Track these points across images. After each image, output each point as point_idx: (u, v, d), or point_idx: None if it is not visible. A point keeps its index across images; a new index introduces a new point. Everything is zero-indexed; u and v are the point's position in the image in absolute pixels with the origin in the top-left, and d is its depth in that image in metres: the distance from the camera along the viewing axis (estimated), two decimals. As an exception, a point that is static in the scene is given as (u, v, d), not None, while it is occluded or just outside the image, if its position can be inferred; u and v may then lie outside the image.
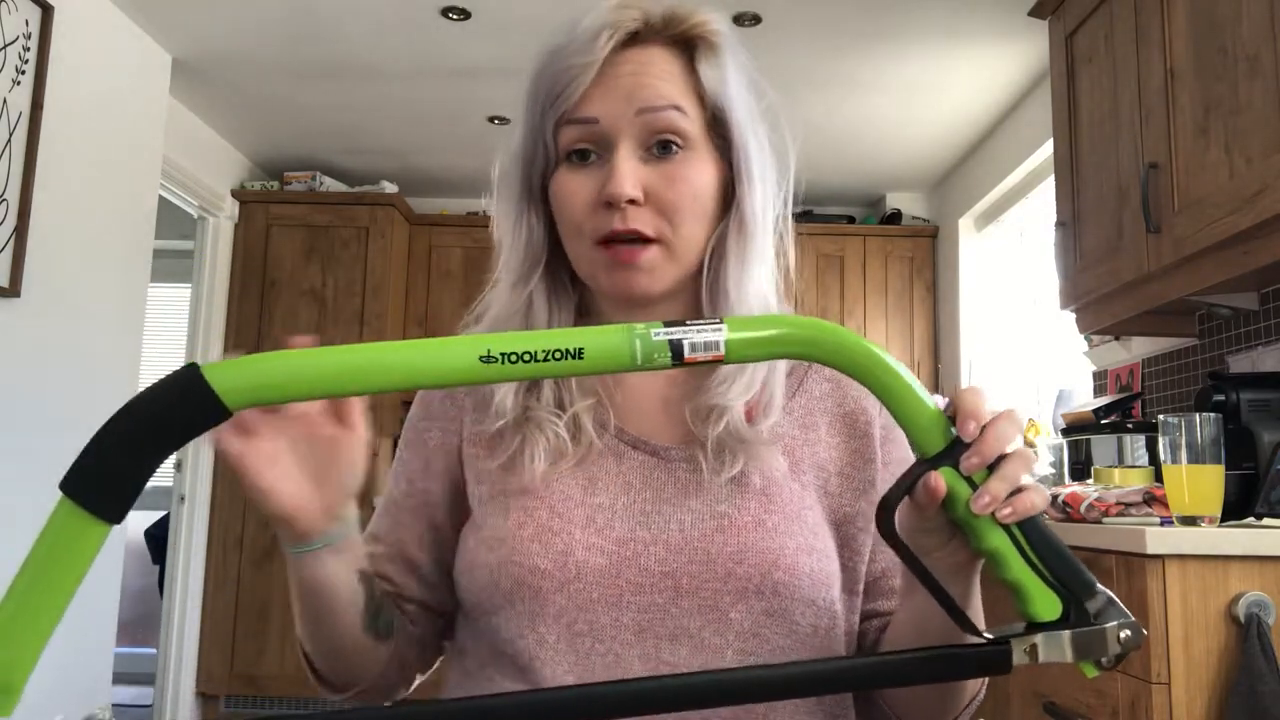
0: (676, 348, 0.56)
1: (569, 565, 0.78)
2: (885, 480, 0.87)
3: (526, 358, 0.57)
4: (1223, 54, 1.80)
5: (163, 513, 4.34)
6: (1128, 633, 0.60)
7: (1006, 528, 0.61)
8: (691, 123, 0.81)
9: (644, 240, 0.80)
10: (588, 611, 0.76)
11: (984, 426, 0.59)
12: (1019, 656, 0.60)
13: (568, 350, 0.57)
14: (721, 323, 0.58)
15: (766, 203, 0.85)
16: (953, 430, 0.60)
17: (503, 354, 0.56)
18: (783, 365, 0.86)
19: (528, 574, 0.77)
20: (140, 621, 4.80)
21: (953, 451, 0.60)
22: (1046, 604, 0.61)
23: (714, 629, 0.77)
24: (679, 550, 0.78)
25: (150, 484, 0.51)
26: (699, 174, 0.81)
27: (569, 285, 0.87)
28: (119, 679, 3.42)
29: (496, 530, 0.80)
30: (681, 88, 0.81)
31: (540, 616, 0.77)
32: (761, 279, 0.86)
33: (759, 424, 0.83)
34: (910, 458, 0.71)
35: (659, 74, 0.80)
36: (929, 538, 0.65)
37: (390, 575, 0.86)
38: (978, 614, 0.72)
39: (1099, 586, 0.61)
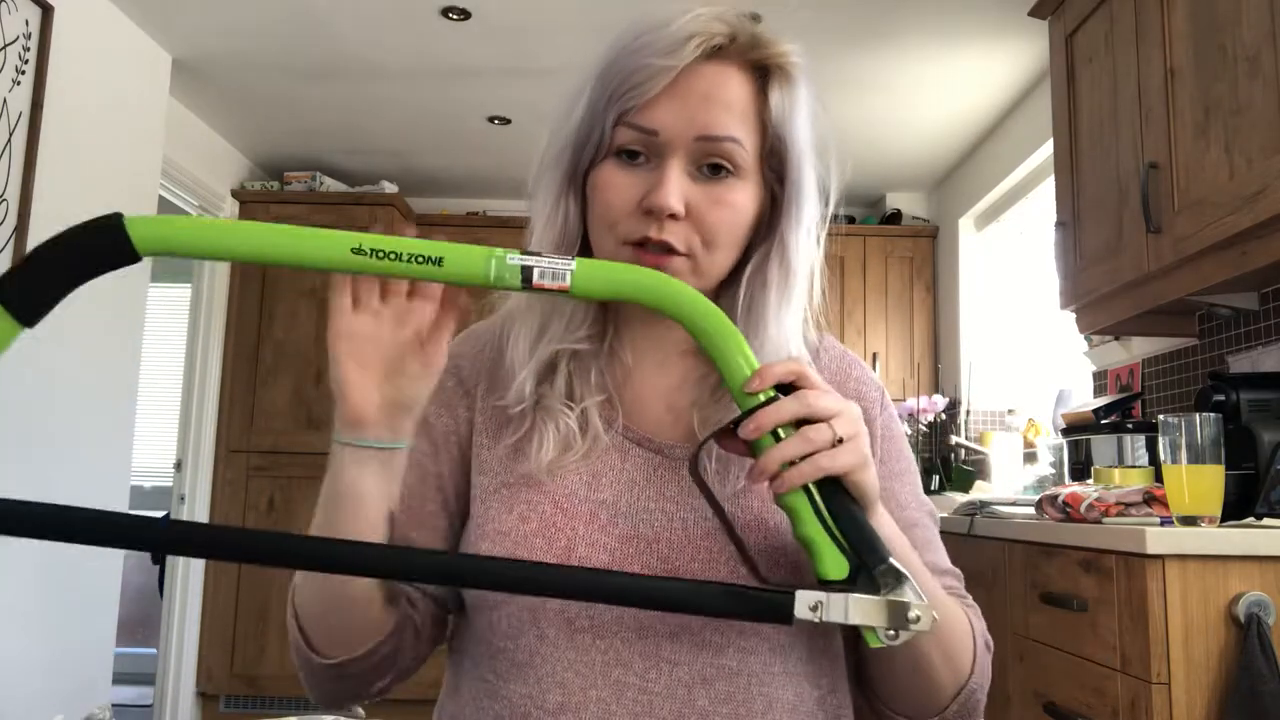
0: (526, 273, 0.66)
1: (573, 559, 0.78)
2: (882, 475, 0.86)
3: (392, 255, 0.67)
4: (1223, 54, 1.80)
5: (163, 513, 4.35)
6: (916, 614, 0.65)
7: (805, 487, 0.68)
8: (746, 153, 0.80)
9: (673, 252, 0.80)
10: (590, 607, 0.77)
11: (766, 404, 0.67)
12: (803, 611, 0.65)
13: (429, 257, 0.67)
14: (571, 260, 0.67)
15: (810, 235, 0.85)
16: (771, 390, 0.68)
17: (372, 249, 0.67)
18: None
19: None
20: (140, 621, 4.80)
21: (768, 404, 0.68)
22: (835, 563, 0.67)
23: (715, 625, 0.77)
24: (681, 548, 0.79)
25: (150, 484, 0.54)
26: (742, 200, 0.81)
27: None
28: (119, 679, 3.42)
29: (500, 524, 0.81)
30: (746, 116, 0.80)
31: (542, 611, 0.78)
32: (797, 309, 0.86)
33: None
34: (906, 452, 0.84)
35: (728, 99, 0.80)
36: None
37: None
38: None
39: (892, 561, 0.66)
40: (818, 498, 0.68)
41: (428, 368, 0.75)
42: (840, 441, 0.67)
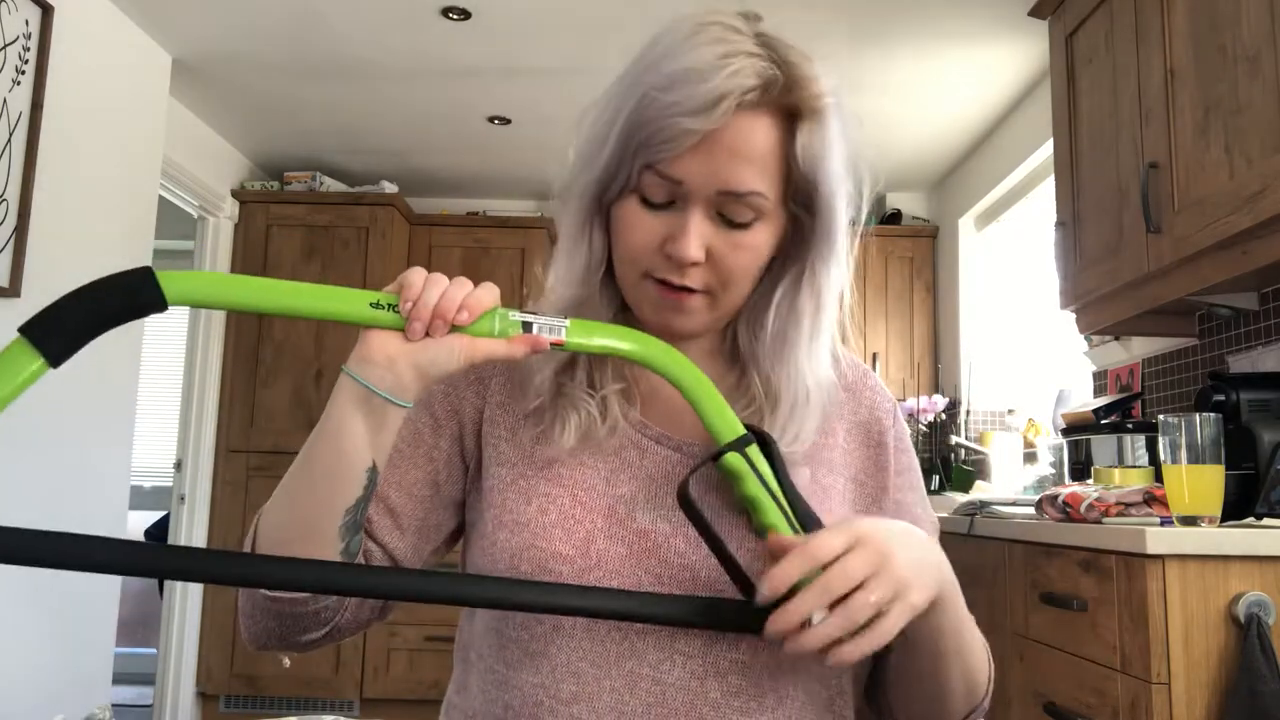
0: (526, 327, 0.75)
1: (591, 552, 0.79)
2: (896, 486, 0.90)
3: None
4: (1223, 54, 1.80)
5: (163, 513, 4.35)
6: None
7: (785, 515, 0.75)
8: (769, 201, 0.80)
9: (692, 291, 0.81)
10: None
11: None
12: None
13: None
14: (566, 320, 0.76)
15: (841, 262, 0.86)
16: (742, 427, 0.77)
17: (388, 304, 0.72)
18: (816, 394, 0.87)
19: (550, 559, 0.79)
20: (140, 621, 4.80)
21: (739, 442, 0.77)
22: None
23: None
24: (697, 545, 0.80)
25: (150, 484, 0.54)
26: (763, 241, 0.82)
27: (619, 298, 0.88)
28: (119, 679, 3.42)
29: (519, 515, 0.82)
30: (771, 164, 0.79)
31: None
32: (828, 336, 0.87)
33: (790, 445, 0.84)
34: (915, 464, 0.91)
35: (753, 153, 0.78)
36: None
37: (369, 513, 0.84)
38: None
39: None
40: (794, 520, 0.75)
41: (465, 351, 0.74)
42: (880, 612, 0.69)
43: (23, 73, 2.65)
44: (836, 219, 0.83)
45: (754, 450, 0.78)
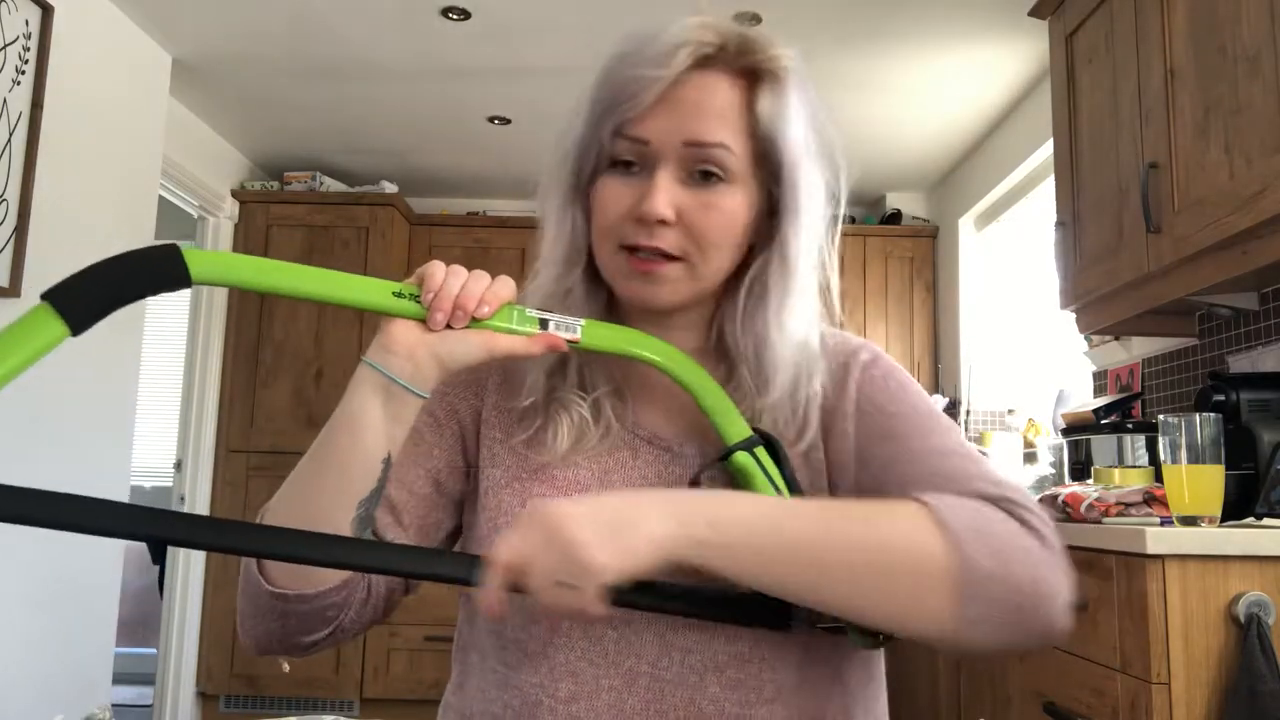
0: (544, 324, 0.77)
1: None
2: (861, 400, 0.83)
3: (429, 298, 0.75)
4: (1223, 54, 1.80)
5: (163, 513, 4.34)
6: None
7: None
8: (737, 159, 0.81)
9: (667, 257, 0.81)
10: None
11: None
12: (800, 613, 0.73)
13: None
14: (580, 320, 0.79)
15: (812, 238, 0.85)
16: (749, 430, 0.79)
17: (410, 294, 0.75)
18: (804, 383, 0.84)
19: None
20: (140, 621, 4.79)
21: (748, 442, 0.79)
22: None
23: None
24: None
25: (150, 484, 0.54)
26: (735, 205, 0.82)
27: (602, 281, 0.88)
28: (119, 679, 3.42)
29: (513, 518, 0.82)
30: (735, 122, 0.81)
31: None
32: (804, 312, 0.85)
33: (794, 444, 0.83)
34: (892, 406, 0.84)
35: (716, 107, 0.80)
36: None
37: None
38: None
39: None
40: None
41: (486, 344, 0.76)
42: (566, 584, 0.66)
43: (23, 73, 2.65)
44: (803, 189, 0.83)
45: (762, 452, 0.79)
